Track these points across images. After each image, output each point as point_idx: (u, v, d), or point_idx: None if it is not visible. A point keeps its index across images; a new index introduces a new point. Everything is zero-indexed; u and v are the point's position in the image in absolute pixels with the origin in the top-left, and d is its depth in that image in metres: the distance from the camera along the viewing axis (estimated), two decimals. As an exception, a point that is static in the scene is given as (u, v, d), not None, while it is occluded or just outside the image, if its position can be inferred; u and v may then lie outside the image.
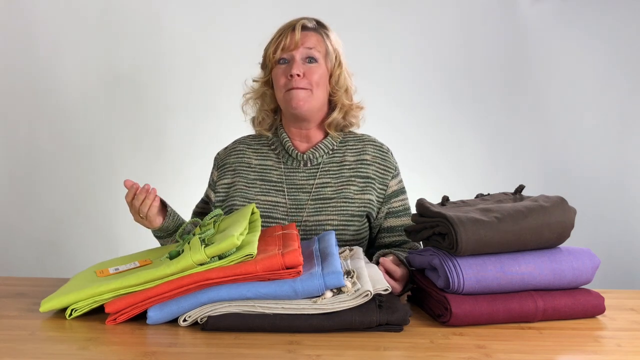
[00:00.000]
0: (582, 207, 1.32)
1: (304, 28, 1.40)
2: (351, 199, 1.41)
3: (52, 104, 2.37)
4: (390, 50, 2.41)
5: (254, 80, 1.49)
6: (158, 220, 1.35)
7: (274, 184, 1.43)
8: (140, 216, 1.33)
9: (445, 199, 1.23)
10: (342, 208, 1.40)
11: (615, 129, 2.45)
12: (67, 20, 2.34)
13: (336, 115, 1.44)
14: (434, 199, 1.25)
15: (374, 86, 2.29)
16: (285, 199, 1.42)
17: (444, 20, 2.41)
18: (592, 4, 2.40)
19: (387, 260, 1.22)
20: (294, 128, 1.45)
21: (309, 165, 1.44)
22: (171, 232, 1.39)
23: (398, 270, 1.21)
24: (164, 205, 1.37)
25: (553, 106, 2.45)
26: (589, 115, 2.45)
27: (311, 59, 1.39)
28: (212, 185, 1.51)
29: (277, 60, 1.40)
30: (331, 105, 1.46)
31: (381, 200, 1.45)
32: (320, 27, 1.44)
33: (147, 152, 2.41)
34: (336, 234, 1.36)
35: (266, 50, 1.44)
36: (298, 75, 1.36)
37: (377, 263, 1.26)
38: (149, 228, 1.38)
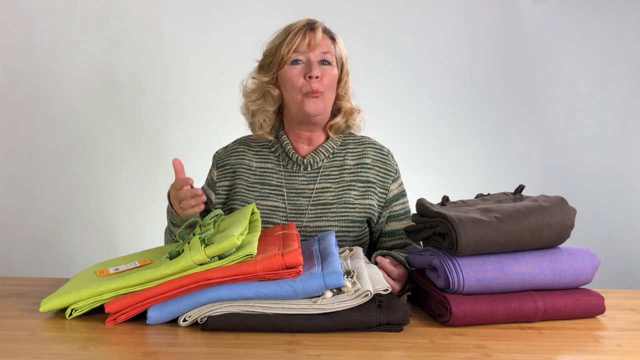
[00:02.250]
0: (582, 207, 1.32)
1: (322, 31, 1.38)
2: (352, 204, 1.40)
3: (52, 104, 2.37)
4: (390, 50, 2.41)
5: (253, 78, 1.44)
6: (189, 214, 1.26)
7: (274, 188, 1.42)
8: (179, 204, 1.26)
9: (445, 199, 1.23)
10: (343, 214, 1.39)
11: (615, 129, 2.46)
12: (67, 20, 2.34)
13: (339, 119, 1.43)
14: (434, 199, 1.25)
15: (374, 86, 2.30)
16: (285, 203, 1.41)
17: (443, 20, 2.41)
18: (591, 4, 2.40)
19: (385, 261, 1.21)
20: (298, 130, 1.42)
21: (309, 169, 1.43)
22: (191, 224, 1.31)
23: (395, 271, 1.21)
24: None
25: (553, 106, 2.45)
26: (589, 115, 2.45)
27: (325, 62, 1.37)
28: (211, 184, 1.49)
29: (290, 61, 1.36)
30: (333, 109, 1.45)
31: (382, 204, 1.44)
32: (330, 32, 1.43)
33: (146, 153, 2.41)
34: (336, 240, 1.35)
35: (275, 49, 1.38)
36: (317, 77, 1.34)
37: (375, 263, 1.27)
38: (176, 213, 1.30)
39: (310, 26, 1.38)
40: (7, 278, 1.40)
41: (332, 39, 1.42)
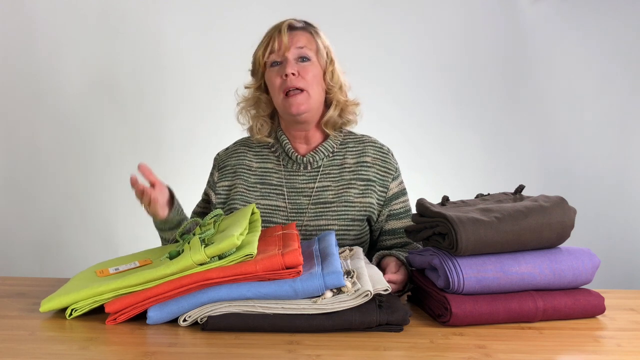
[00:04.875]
0: (582, 207, 1.32)
1: (292, 28, 1.39)
2: (352, 202, 1.40)
3: (52, 104, 2.37)
4: (391, 49, 2.41)
5: (245, 87, 1.47)
6: (162, 213, 1.34)
7: (274, 187, 1.43)
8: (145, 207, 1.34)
9: (445, 199, 1.23)
10: (343, 212, 1.40)
11: (615, 129, 2.45)
12: (67, 19, 2.34)
13: (332, 112, 1.43)
14: (434, 199, 1.25)
15: (375, 85, 2.30)
16: (285, 202, 1.41)
17: (444, 20, 2.41)
18: (591, 4, 2.40)
19: (389, 273, 1.21)
20: (293, 130, 1.44)
21: (309, 168, 1.43)
22: (172, 226, 1.39)
23: (398, 280, 1.21)
24: (171, 197, 1.38)
25: (553, 106, 2.45)
26: (589, 115, 2.45)
27: (304, 58, 1.37)
28: (212, 185, 1.50)
29: (269, 64, 1.39)
30: (327, 103, 1.45)
31: (382, 202, 1.44)
32: (308, 26, 1.43)
33: (146, 153, 2.40)
34: (337, 239, 1.35)
35: (255, 55, 1.43)
36: (293, 74, 1.35)
37: (378, 264, 1.27)
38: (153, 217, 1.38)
39: (279, 28, 1.39)
40: (7, 278, 1.40)
41: (310, 32, 1.41)
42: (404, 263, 1.27)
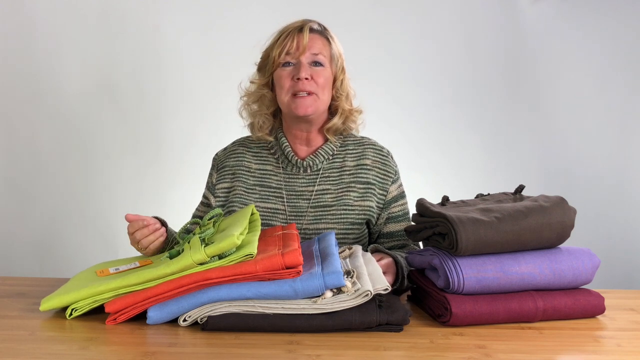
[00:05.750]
0: (582, 207, 1.32)
1: (310, 30, 1.37)
2: (351, 206, 1.40)
3: (52, 104, 2.37)
4: (391, 50, 2.41)
5: (251, 82, 1.45)
6: (157, 250, 1.30)
7: (274, 190, 1.42)
8: (138, 247, 1.28)
9: (445, 199, 1.23)
10: (342, 216, 1.39)
11: (615, 129, 2.45)
12: (67, 19, 2.34)
13: (337, 120, 1.42)
14: (434, 199, 1.25)
15: (375, 86, 2.30)
16: (284, 205, 1.41)
17: (444, 20, 2.41)
18: (591, 4, 2.40)
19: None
20: (294, 130, 1.43)
21: (308, 171, 1.43)
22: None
23: (381, 264, 1.19)
24: (164, 226, 1.32)
25: (553, 106, 2.45)
26: (589, 115, 2.45)
27: (317, 63, 1.36)
28: (210, 187, 1.49)
29: (281, 63, 1.37)
30: (330, 110, 1.45)
31: (381, 206, 1.44)
32: (325, 31, 1.42)
33: (146, 153, 2.41)
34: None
35: (268, 51, 1.40)
36: (306, 78, 1.34)
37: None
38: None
39: (300, 28, 1.37)
40: (7, 278, 1.40)
41: (327, 38, 1.40)
42: (389, 254, 1.26)
